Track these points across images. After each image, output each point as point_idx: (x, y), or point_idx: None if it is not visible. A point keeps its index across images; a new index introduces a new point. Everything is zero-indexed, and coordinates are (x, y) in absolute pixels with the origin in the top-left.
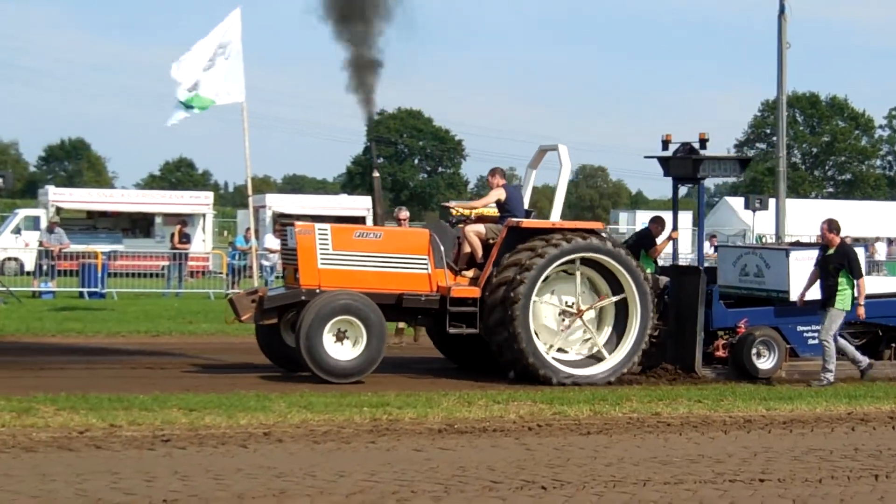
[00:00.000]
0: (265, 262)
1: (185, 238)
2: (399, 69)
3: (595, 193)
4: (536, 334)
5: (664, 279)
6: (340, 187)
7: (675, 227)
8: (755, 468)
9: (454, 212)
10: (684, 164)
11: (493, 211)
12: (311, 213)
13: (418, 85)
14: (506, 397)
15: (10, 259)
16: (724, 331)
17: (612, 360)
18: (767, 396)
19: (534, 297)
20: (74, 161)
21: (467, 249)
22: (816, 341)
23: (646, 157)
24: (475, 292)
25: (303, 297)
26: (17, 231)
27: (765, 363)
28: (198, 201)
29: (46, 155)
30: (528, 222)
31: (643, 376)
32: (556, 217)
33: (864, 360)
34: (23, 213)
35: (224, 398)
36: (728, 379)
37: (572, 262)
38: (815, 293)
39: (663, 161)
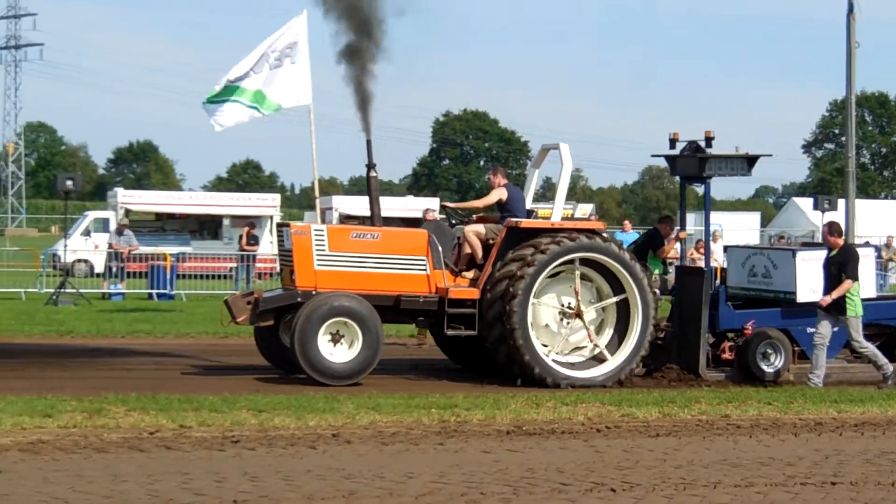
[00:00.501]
0: None
1: (253, 240)
2: (411, 63)
3: (661, 194)
4: (534, 337)
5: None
6: (406, 189)
7: (682, 228)
8: (826, 471)
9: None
10: (691, 163)
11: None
12: None
13: (484, 86)
14: (574, 399)
15: (80, 261)
16: (734, 332)
17: (612, 363)
18: (838, 399)
19: (532, 299)
20: (143, 163)
21: (468, 250)
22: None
23: (652, 155)
24: (474, 293)
25: (299, 299)
26: (86, 233)
27: (771, 365)
28: (265, 203)
29: (115, 157)
30: (527, 222)
31: (648, 378)
32: (556, 217)
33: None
34: (92, 215)
35: (293, 399)
36: (733, 381)
37: (571, 263)
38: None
39: (670, 160)
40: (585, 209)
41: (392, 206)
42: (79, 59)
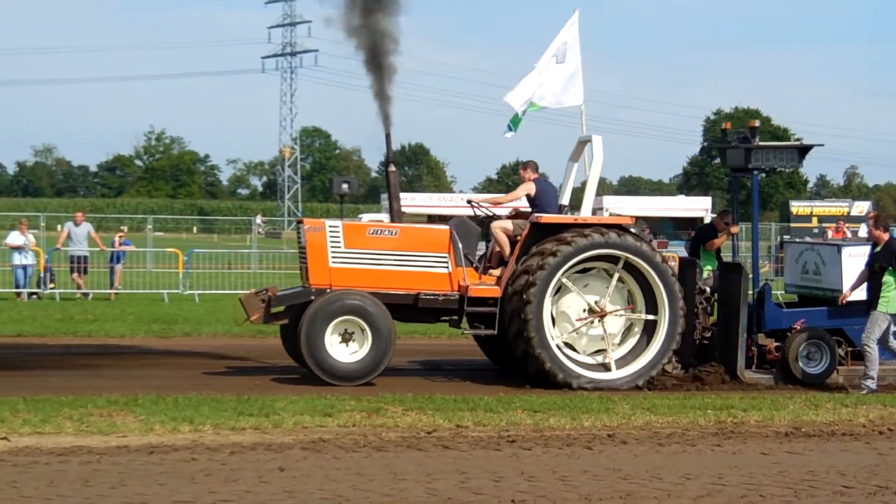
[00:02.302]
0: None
1: None
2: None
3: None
4: (552, 327)
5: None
6: (676, 188)
7: (734, 222)
8: None
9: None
10: (739, 155)
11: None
12: (648, 215)
13: (755, 83)
14: (854, 401)
15: None
16: (784, 332)
17: (636, 364)
18: None
19: (551, 295)
20: (415, 166)
21: (497, 247)
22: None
23: (706, 145)
24: (495, 291)
25: (312, 297)
26: None
27: (816, 366)
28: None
29: None
30: (547, 217)
31: (684, 380)
32: (586, 211)
33: None
34: (366, 217)
35: (567, 400)
36: (775, 383)
37: (603, 259)
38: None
39: (721, 152)
40: (862, 207)
41: (664, 205)
42: (352, 64)
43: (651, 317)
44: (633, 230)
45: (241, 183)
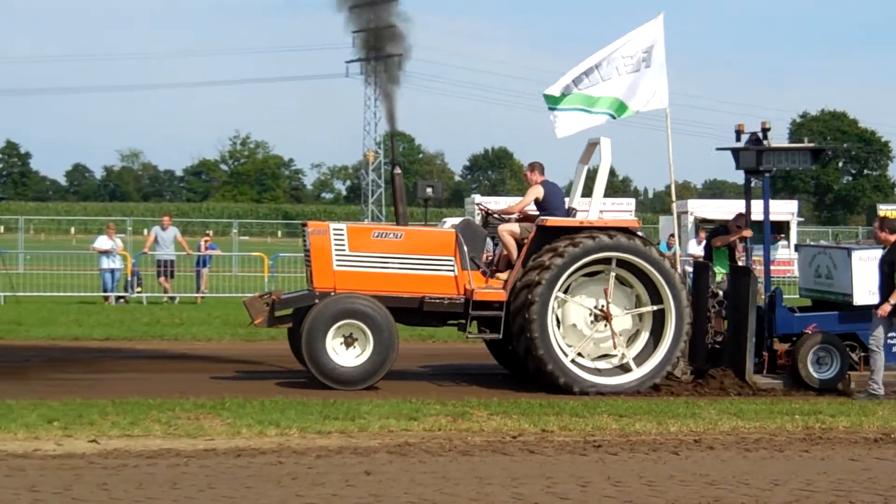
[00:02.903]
0: (688, 268)
1: None
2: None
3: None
4: (561, 337)
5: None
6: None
7: (747, 225)
8: None
9: (479, 209)
10: (751, 156)
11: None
12: (729, 219)
13: (843, 86)
14: None
15: None
16: (796, 337)
17: (643, 369)
18: None
19: (559, 297)
20: (497, 170)
21: (505, 251)
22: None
23: (717, 149)
24: (501, 295)
25: (316, 301)
26: None
27: (825, 372)
28: (620, 208)
29: (471, 164)
30: (552, 220)
31: (690, 385)
32: (594, 214)
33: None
34: (449, 221)
35: (653, 405)
36: (785, 389)
37: (609, 263)
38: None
39: (734, 153)
40: None
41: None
42: (437, 68)
43: (658, 307)
44: (640, 233)
45: (326, 187)
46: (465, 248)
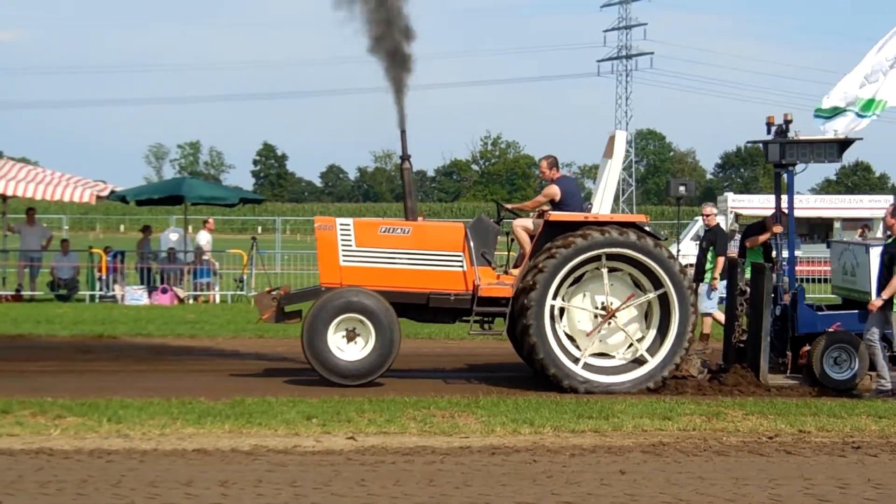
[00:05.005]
0: None
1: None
2: None
3: None
4: (571, 339)
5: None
6: None
7: (776, 221)
8: None
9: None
10: (777, 149)
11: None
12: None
13: None
14: None
15: (688, 265)
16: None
17: (647, 366)
18: None
19: (557, 297)
20: (751, 167)
21: (520, 246)
22: None
23: (747, 142)
24: (507, 291)
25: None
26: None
27: (843, 372)
28: (877, 205)
29: (723, 162)
30: (557, 216)
31: (708, 385)
32: (605, 209)
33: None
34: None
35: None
36: (802, 389)
37: (613, 259)
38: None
39: (764, 145)
40: None
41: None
42: (688, 66)
43: (660, 291)
44: (648, 228)
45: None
46: (474, 244)
